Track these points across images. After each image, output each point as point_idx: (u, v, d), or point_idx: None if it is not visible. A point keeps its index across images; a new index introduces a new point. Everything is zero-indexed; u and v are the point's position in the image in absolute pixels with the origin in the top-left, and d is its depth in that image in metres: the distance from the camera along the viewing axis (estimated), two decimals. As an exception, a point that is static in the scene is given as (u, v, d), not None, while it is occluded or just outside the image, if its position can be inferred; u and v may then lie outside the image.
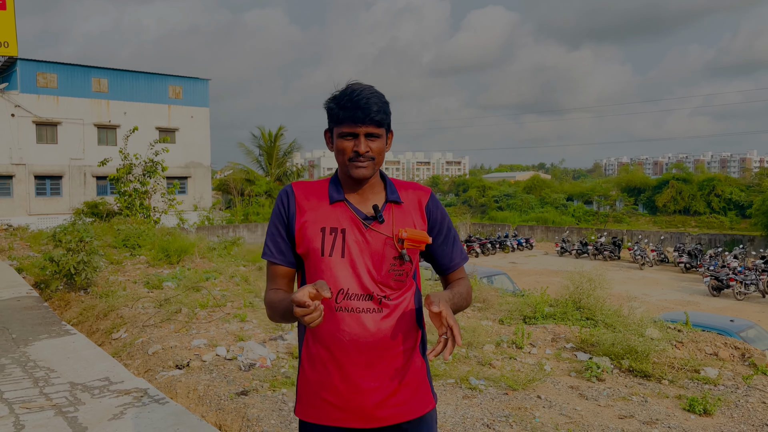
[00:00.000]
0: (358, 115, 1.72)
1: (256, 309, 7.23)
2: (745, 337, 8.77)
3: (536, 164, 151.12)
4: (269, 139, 41.21)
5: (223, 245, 13.96)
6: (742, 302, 19.43)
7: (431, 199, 1.90)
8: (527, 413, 4.22)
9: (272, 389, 4.46)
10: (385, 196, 1.85)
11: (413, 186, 1.92)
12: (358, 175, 1.77)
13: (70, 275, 8.32)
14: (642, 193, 43.65)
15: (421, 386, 1.86)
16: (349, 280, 1.76)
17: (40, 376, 4.74)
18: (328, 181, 1.88)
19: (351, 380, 1.76)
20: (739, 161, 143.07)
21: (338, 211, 1.80)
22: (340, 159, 1.79)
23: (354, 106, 1.72)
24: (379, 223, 1.79)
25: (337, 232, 1.78)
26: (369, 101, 1.72)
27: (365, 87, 1.77)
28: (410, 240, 1.77)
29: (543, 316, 6.96)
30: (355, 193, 1.83)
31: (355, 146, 1.74)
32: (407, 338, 1.82)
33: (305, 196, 1.84)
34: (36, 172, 31.03)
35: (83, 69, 32.85)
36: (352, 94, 1.73)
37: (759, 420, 4.23)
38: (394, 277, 1.79)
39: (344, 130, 1.75)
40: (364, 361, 1.76)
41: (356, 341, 1.75)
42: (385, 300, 1.78)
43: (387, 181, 1.89)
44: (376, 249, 1.78)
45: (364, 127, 1.74)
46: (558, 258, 30.59)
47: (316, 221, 1.80)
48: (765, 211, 30.62)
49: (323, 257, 1.77)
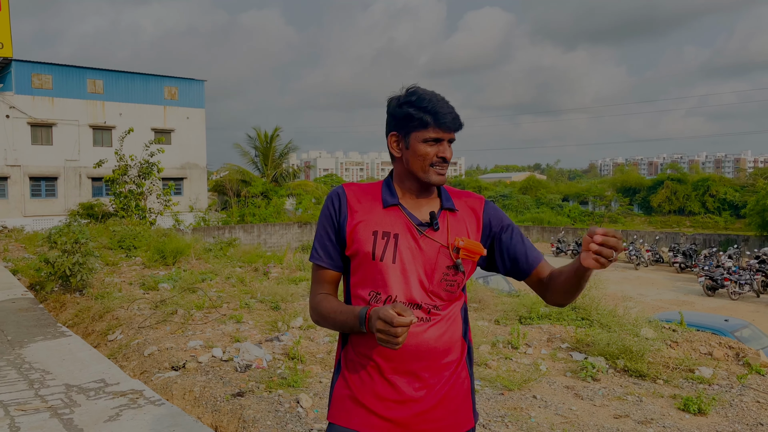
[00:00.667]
0: (448, 120, 1.71)
1: (251, 310, 7.23)
2: (739, 337, 8.81)
3: (532, 165, 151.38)
4: (265, 140, 41.17)
5: (219, 246, 13.96)
6: (736, 302, 19.50)
7: (486, 206, 1.87)
8: (523, 413, 4.24)
9: (268, 390, 4.46)
10: (440, 203, 1.81)
11: (467, 194, 1.88)
12: (437, 181, 1.74)
13: (66, 277, 8.30)
14: (637, 193, 43.74)
15: (464, 403, 1.81)
16: (399, 286, 1.71)
17: (36, 378, 4.73)
18: (380, 185, 1.83)
19: (393, 388, 1.72)
20: (733, 161, 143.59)
21: (392, 215, 1.76)
22: (419, 164, 1.74)
23: (447, 111, 1.71)
24: (434, 231, 1.74)
25: (390, 236, 1.73)
26: (453, 108, 1.73)
27: (435, 93, 1.75)
28: (466, 250, 1.72)
29: (538, 316, 6.97)
30: (410, 198, 1.79)
31: (440, 152, 1.73)
32: (453, 350, 1.78)
33: (357, 198, 1.80)
34: (31, 174, 30.91)
35: (78, 70, 32.75)
36: (435, 99, 1.72)
37: (753, 419, 4.25)
38: (446, 287, 1.75)
39: (431, 135, 1.71)
40: (408, 370, 1.72)
41: (401, 350, 1.70)
42: (434, 310, 1.74)
43: (441, 189, 1.85)
44: (430, 257, 1.73)
45: (453, 133, 1.74)
46: (554, 258, 30.66)
47: (369, 224, 1.75)
48: (759, 211, 30.70)
49: (374, 261, 1.72)
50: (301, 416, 4.01)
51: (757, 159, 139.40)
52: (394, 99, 1.79)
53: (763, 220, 30.41)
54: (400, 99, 1.77)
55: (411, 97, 1.74)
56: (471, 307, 7.58)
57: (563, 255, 31.52)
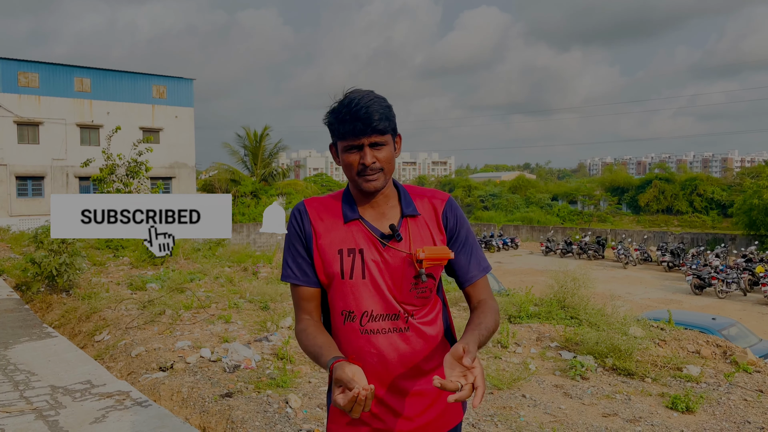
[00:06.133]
0: (359, 126, 1.63)
1: (240, 310, 7.19)
2: (726, 335, 8.88)
3: (522, 164, 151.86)
4: (254, 140, 40.98)
5: (208, 246, 13.87)
6: (723, 300, 19.67)
7: (447, 206, 1.81)
8: (512, 412, 4.24)
9: (257, 391, 4.43)
10: (400, 210, 1.77)
11: (430, 193, 1.83)
12: (369, 188, 1.69)
13: (52, 277, 8.22)
14: (625, 192, 44.02)
15: (453, 403, 1.81)
16: (372, 300, 1.71)
17: (21, 379, 4.67)
18: (340, 196, 1.79)
19: (381, 400, 1.73)
20: (720, 161, 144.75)
21: (353, 230, 1.73)
22: (348, 174, 1.70)
23: (353, 118, 1.63)
24: (397, 241, 1.72)
25: (355, 252, 1.71)
26: (369, 110, 1.63)
27: (363, 94, 1.67)
28: (429, 259, 1.69)
29: (528, 315, 6.99)
30: (369, 207, 1.75)
31: (361, 159, 1.66)
32: (437, 356, 1.78)
33: (319, 215, 1.77)
34: (17, 173, 30.59)
35: (65, 68, 32.45)
36: (350, 105, 1.64)
37: (740, 417, 4.27)
38: (417, 295, 1.73)
39: (348, 143, 1.67)
40: (394, 380, 1.73)
41: (385, 361, 1.71)
42: (411, 318, 1.73)
43: (401, 191, 1.80)
44: (396, 267, 1.71)
45: (366, 138, 1.65)
46: (543, 257, 30.78)
47: (333, 243, 1.72)
48: (746, 210, 30.99)
49: (344, 280, 1.71)
50: (290, 417, 3.99)
51: (744, 159, 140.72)
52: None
53: (750, 219, 30.71)
54: (328, 109, 1.71)
55: (334, 105, 1.70)
56: (460, 306, 7.58)
57: (552, 254, 31.64)
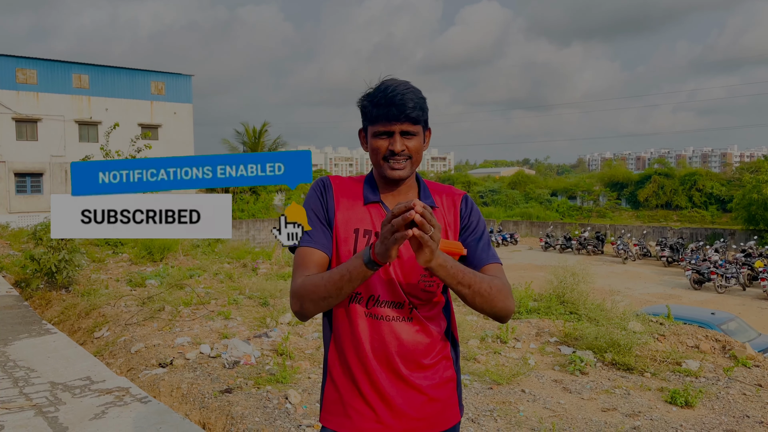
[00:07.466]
0: (393, 112, 1.62)
1: (240, 306, 7.19)
2: (725, 330, 8.89)
3: (521, 160, 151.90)
4: (253, 136, 40.90)
5: (207, 242, 13.88)
6: (723, 295, 19.69)
7: (464, 202, 1.81)
8: (512, 407, 4.25)
9: (257, 387, 4.43)
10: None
11: (447, 190, 1.84)
12: (393, 176, 1.68)
13: (51, 274, 8.21)
14: (625, 188, 43.98)
15: (450, 401, 1.81)
16: (381, 285, 1.69)
17: (20, 375, 4.67)
18: (362, 180, 1.80)
19: (378, 389, 1.71)
20: (719, 156, 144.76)
21: (372, 212, 1.73)
22: (374, 159, 1.70)
23: (388, 102, 1.62)
24: None
25: (371, 234, 1.70)
26: (404, 97, 1.62)
27: (400, 82, 1.67)
28: (443, 251, 1.64)
29: (527, 310, 6.99)
30: (390, 194, 1.75)
31: (390, 145, 1.65)
32: (435, 350, 1.77)
33: (341, 191, 1.76)
34: (16, 170, 30.56)
35: (63, 65, 32.37)
36: (386, 91, 1.63)
37: (739, 411, 4.28)
38: (424, 288, 1.72)
39: (379, 128, 1.65)
40: (393, 370, 1.71)
41: (385, 348, 1.70)
42: (415, 310, 1.72)
43: (422, 184, 1.80)
44: (409, 256, 1.69)
45: (399, 125, 1.64)
46: (542, 253, 30.77)
47: (350, 221, 1.72)
48: (745, 205, 30.98)
49: None
50: (290, 412, 3.99)
51: (743, 153, 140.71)
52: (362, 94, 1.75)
53: (749, 214, 30.70)
54: (363, 94, 1.73)
55: (370, 90, 1.71)
56: (461, 302, 7.58)
57: (551, 250, 31.63)
